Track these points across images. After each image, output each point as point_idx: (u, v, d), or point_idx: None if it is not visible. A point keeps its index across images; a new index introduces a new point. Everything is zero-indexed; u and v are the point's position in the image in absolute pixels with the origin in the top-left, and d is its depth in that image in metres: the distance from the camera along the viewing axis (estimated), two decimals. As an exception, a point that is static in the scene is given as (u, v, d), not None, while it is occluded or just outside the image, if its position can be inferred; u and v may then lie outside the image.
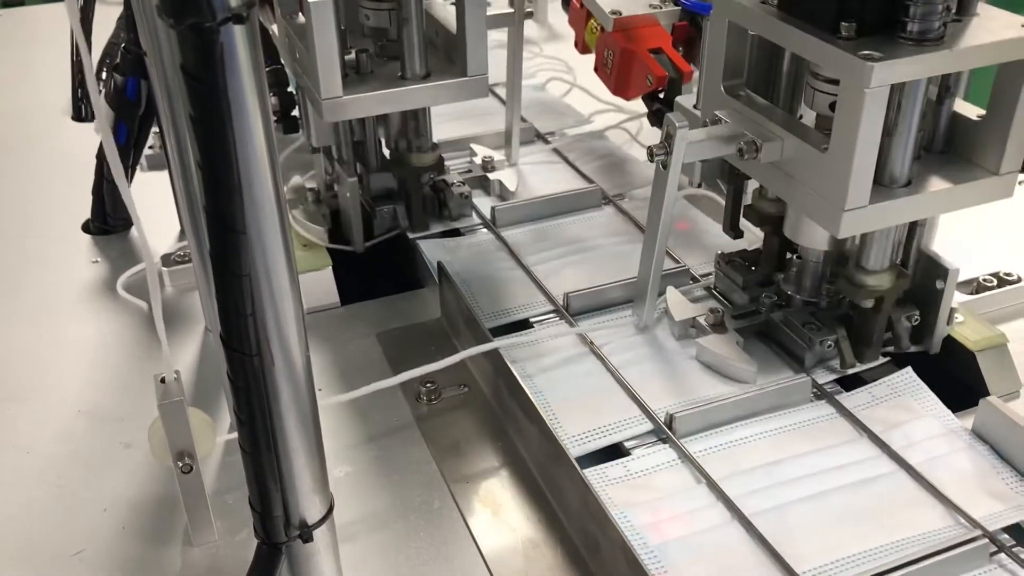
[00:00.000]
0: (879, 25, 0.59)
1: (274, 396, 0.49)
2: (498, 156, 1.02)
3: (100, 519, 0.65)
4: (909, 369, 0.71)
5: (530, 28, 1.31)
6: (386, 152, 0.94)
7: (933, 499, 0.60)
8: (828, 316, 0.73)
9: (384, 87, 0.80)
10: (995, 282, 0.82)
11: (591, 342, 0.75)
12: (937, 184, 0.64)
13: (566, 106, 1.19)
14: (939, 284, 0.71)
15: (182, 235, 0.96)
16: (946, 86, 0.66)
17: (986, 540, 0.57)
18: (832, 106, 0.65)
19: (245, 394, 0.48)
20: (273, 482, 0.51)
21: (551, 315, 0.80)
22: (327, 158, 0.93)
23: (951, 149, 0.67)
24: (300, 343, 0.49)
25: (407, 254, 0.92)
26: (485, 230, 0.93)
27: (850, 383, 0.72)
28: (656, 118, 0.93)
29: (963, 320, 0.75)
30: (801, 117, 0.70)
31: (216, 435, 0.63)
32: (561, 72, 1.29)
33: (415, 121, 0.89)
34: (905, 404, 0.69)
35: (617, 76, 0.92)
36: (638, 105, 1.14)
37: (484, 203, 0.97)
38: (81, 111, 1.24)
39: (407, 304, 0.87)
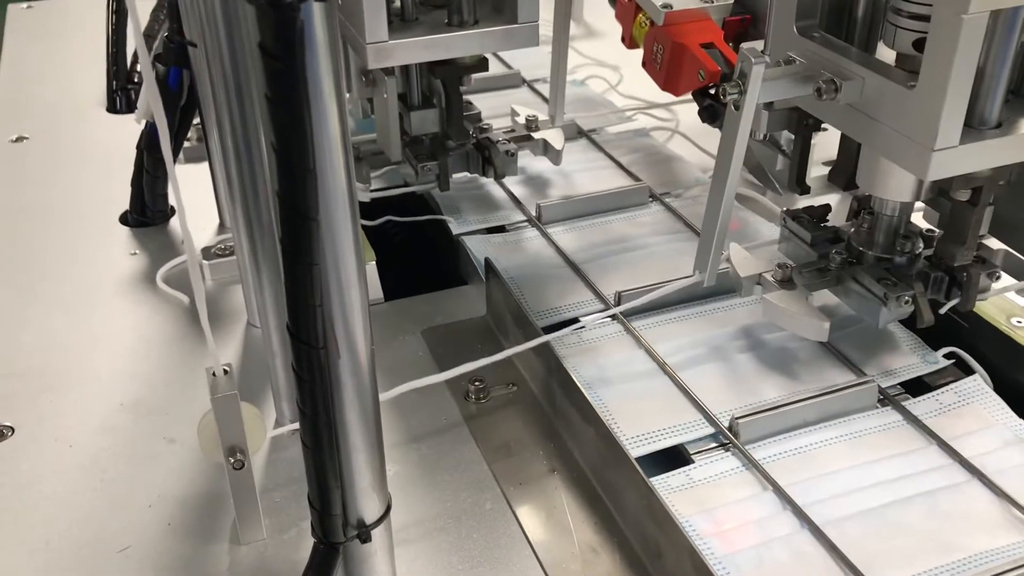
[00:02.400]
0: None
1: (338, 390, 0.48)
2: (542, 116, 0.99)
3: (146, 515, 0.63)
4: (977, 376, 0.69)
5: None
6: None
7: (1012, 510, 0.58)
8: (903, 272, 0.69)
9: (431, 33, 0.77)
10: (1059, 287, 0.79)
11: (645, 342, 0.73)
12: None
13: (607, 103, 1.17)
14: None
15: (221, 228, 0.95)
16: None
17: (1068, 553, 0.54)
18: (916, 44, 0.61)
19: (310, 387, 0.46)
20: (334, 479, 0.49)
21: (602, 314, 0.78)
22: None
23: None
24: (365, 336, 0.48)
25: (450, 250, 0.91)
26: (531, 227, 0.91)
27: (915, 389, 0.70)
28: (707, 114, 0.91)
29: (1027, 325, 0.73)
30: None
31: (267, 430, 0.62)
32: (600, 69, 1.27)
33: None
34: (974, 412, 0.66)
35: (667, 71, 0.89)
36: (682, 108, 1.13)
37: (529, 163, 0.94)
38: (116, 103, 1.23)
39: (451, 301, 0.85)
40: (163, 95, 0.89)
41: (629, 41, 0.98)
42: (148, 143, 0.93)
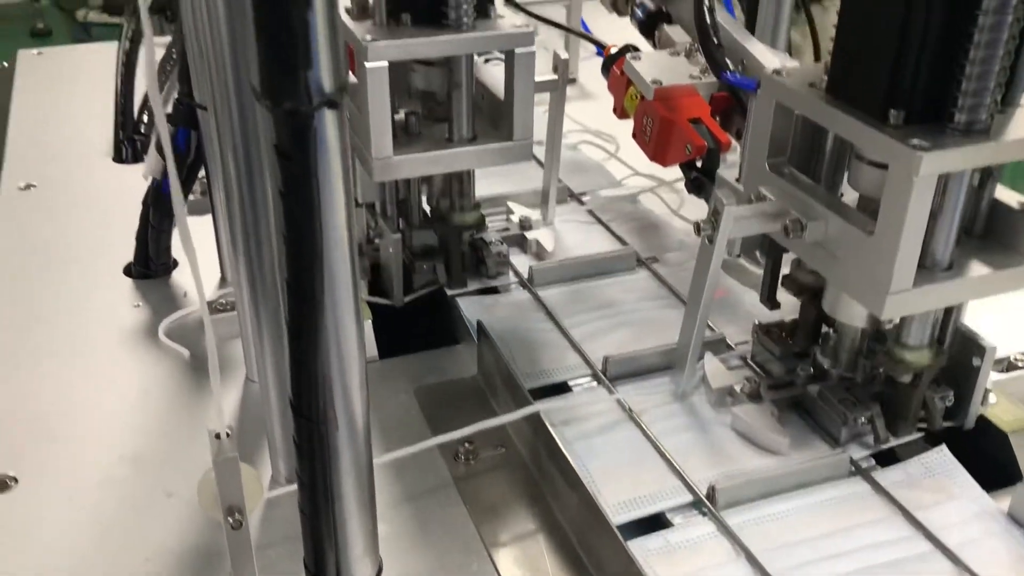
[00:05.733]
0: (927, 114, 0.61)
1: (335, 460, 0.51)
2: (535, 215, 1.04)
3: (143, 568, 0.66)
4: (944, 447, 0.72)
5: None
6: (427, 209, 0.96)
7: (971, 583, 0.61)
8: (863, 391, 0.74)
9: (432, 148, 0.82)
10: (1027, 361, 0.83)
11: (630, 409, 0.76)
12: (978, 269, 0.65)
13: (598, 167, 1.21)
14: (975, 362, 0.72)
15: (223, 282, 0.98)
16: (988, 172, 0.68)
17: (1025, 627, 0.57)
18: (877, 189, 0.66)
19: (309, 459, 0.49)
20: (329, 545, 0.52)
21: (589, 379, 0.81)
22: (370, 213, 0.95)
23: (990, 234, 0.69)
24: (363, 409, 0.51)
25: (444, 309, 0.94)
26: (522, 289, 0.94)
27: (885, 459, 0.73)
28: (693, 186, 0.95)
29: (996, 401, 0.76)
30: (842, 195, 0.71)
31: (264, 491, 0.64)
32: (591, 135, 1.31)
33: (459, 182, 0.91)
34: (940, 483, 0.69)
35: (656, 143, 0.93)
36: (668, 172, 1.16)
37: (521, 261, 0.98)
38: (122, 152, 1.26)
39: (443, 360, 0.88)
40: (171, 153, 0.93)
41: (620, 112, 1.02)
42: (154, 199, 0.96)
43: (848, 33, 0.65)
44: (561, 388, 0.80)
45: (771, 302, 0.79)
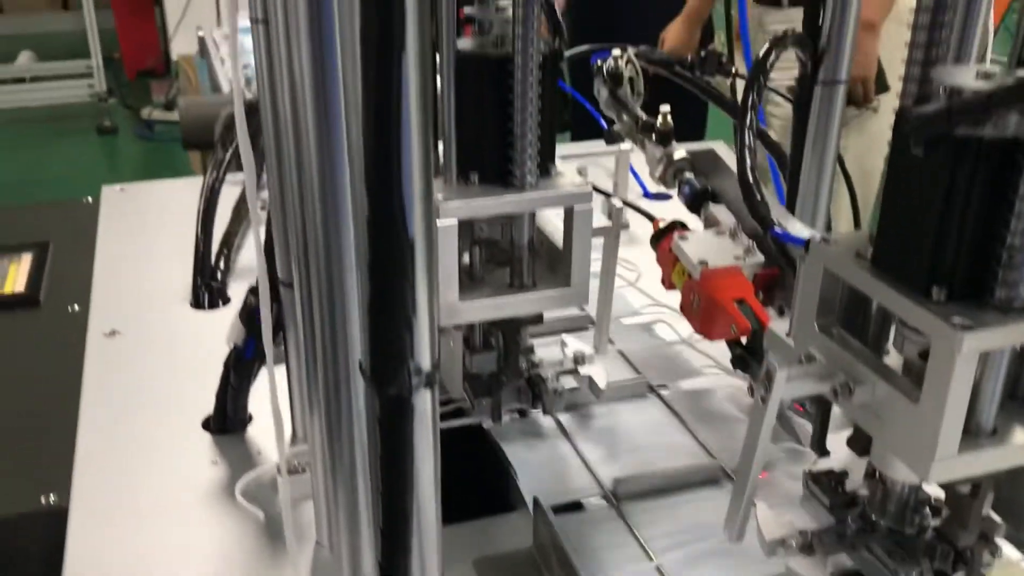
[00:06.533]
0: (968, 290, 0.64)
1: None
2: (587, 349, 1.09)
3: None
4: None
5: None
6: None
7: None
8: (912, 545, 0.76)
9: (495, 294, 0.89)
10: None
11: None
12: (1022, 435, 0.68)
13: (617, 295, 1.26)
14: None
15: (294, 439, 1.04)
16: None
17: None
18: (920, 354, 0.69)
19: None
20: None
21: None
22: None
23: None
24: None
25: (498, 473, 0.99)
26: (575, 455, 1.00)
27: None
28: (739, 362, 1.00)
29: (1031, 590, 0.80)
30: (887, 354, 0.74)
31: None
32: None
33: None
34: None
35: (702, 321, 0.99)
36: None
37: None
38: (199, 298, 1.35)
39: (499, 528, 0.93)
40: (253, 322, 1.01)
41: (668, 284, 1.08)
42: (235, 363, 1.03)
43: (891, 213, 0.69)
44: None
45: (820, 450, 0.83)
